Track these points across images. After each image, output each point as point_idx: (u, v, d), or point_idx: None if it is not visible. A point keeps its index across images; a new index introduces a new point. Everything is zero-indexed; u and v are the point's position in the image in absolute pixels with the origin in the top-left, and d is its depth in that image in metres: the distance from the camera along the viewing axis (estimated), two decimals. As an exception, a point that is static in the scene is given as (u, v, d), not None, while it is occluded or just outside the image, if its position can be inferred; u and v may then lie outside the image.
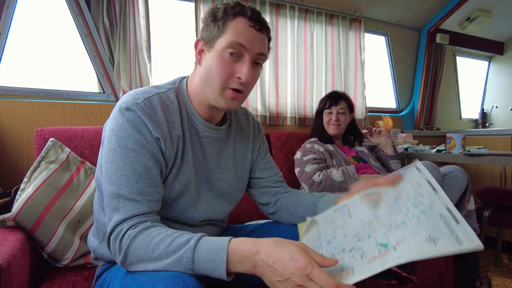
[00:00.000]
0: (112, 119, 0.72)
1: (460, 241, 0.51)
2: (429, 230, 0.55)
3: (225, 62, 0.74)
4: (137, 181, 0.68)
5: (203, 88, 0.78)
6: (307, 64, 2.22)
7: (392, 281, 1.22)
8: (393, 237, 0.58)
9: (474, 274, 1.56)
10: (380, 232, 0.61)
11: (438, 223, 0.56)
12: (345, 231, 0.67)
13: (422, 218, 0.58)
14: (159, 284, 0.56)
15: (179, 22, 1.97)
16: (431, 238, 0.54)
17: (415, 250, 0.53)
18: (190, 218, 0.81)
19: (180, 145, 0.77)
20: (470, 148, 1.81)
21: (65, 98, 1.62)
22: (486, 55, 3.34)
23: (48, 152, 1.18)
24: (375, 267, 0.55)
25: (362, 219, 0.67)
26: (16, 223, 1.03)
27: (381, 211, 0.66)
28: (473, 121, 3.36)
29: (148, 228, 0.65)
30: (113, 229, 0.66)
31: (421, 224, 0.57)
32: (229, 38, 0.73)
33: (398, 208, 0.63)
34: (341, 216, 0.73)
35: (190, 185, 0.79)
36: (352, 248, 0.61)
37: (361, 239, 0.62)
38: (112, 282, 0.73)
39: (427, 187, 0.63)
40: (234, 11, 0.74)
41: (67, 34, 1.68)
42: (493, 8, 2.72)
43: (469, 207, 1.41)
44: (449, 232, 0.53)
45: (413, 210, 0.60)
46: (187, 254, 0.59)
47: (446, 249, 0.52)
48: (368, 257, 0.57)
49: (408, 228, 0.57)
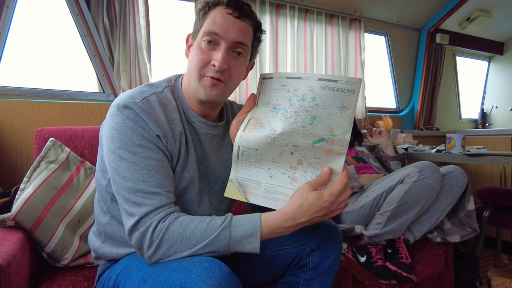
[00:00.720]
0: (110, 118, 0.71)
1: (350, 90, 0.65)
2: (334, 104, 0.67)
3: (201, 51, 0.74)
4: (152, 174, 0.68)
5: (189, 81, 0.78)
6: (307, 64, 2.22)
7: (392, 281, 1.22)
8: (320, 131, 0.68)
9: (474, 274, 1.56)
10: (298, 138, 0.70)
11: (329, 94, 0.67)
12: (270, 156, 0.73)
13: (319, 103, 0.68)
14: (197, 268, 0.58)
15: (179, 22, 1.98)
16: (340, 107, 0.66)
17: (344, 124, 0.67)
18: (194, 214, 0.81)
19: (183, 141, 0.77)
20: (470, 148, 1.81)
21: (65, 98, 1.62)
22: (486, 55, 3.34)
23: (48, 152, 1.18)
24: (336, 153, 0.69)
25: (263, 141, 0.72)
26: (16, 223, 1.03)
27: (273, 125, 0.72)
28: (473, 121, 3.36)
29: (178, 218, 0.67)
30: (137, 223, 0.66)
31: (325, 107, 0.67)
32: (206, 27, 0.74)
33: (293, 112, 0.70)
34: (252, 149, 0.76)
35: (194, 182, 0.79)
36: (298, 160, 0.71)
37: (292, 151, 0.71)
38: (123, 276, 0.73)
39: (272, 83, 0.74)
40: (214, 1, 0.75)
41: (67, 34, 1.68)
42: (493, 8, 2.72)
43: (469, 207, 1.41)
44: (341, 93, 0.66)
45: (305, 104, 0.69)
46: (224, 232, 0.65)
47: (352, 104, 0.65)
48: (323, 155, 0.69)
49: (323, 116, 0.68)
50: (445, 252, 1.48)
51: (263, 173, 0.74)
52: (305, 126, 0.69)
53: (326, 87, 0.66)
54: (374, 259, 1.28)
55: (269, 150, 0.72)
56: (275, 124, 0.71)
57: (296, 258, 0.86)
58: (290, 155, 0.71)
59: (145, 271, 0.66)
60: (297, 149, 0.70)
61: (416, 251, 1.40)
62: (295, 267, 0.86)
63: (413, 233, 1.40)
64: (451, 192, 1.36)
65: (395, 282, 1.22)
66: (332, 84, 0.66)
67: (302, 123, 0.69)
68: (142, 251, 0.67)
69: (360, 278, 1.21)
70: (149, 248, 0.65)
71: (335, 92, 0.66)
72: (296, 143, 0.70)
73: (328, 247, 0.85)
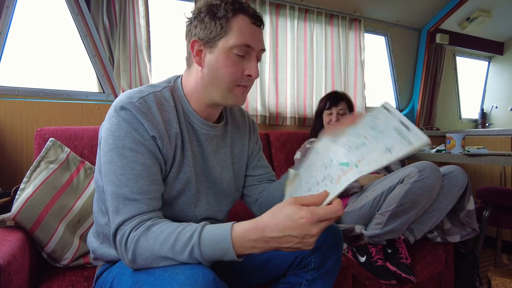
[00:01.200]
0: (107, 120, 0.72)
1: (410, 142, 0.58)
2: (385, 144, 0.61)
3: (233, 62, 0.75)
4: (136, 180, 0.67)
5: (207, 89, 0.78)
6: (307, 64, 2.22)
7: (392, 281, 1.22)
8: (354, 157, 0.64)
9: (474, 274, 1.56)
10: (339, 153, 0.67)
11: (393, 136, 0.62)
12: (316, 166, 0.72)
13: (379, 136, 0.64)
14: (179, 276, 0.57)
15: (179, 22, 1.97)
16: (387, 148, 0.60)
17: (374, 162, 0.60)
18: (191, 216, 0.81)
19: (179, 142, 0.77)
20: (470, 148, 1.81)
21: (65, 98, 1.62)
22: (486, 55, 3.34)
23: (48, 152, 1.18)
24: (342, 184, 0.60)
25: (324, 149, 0.74)
26: (15, 223, 1.03)
27: (340, 138, 0.72)
28: (473, 121, 3.36)
29: (149, 228, 0.65)
30: (116, 231, 0.66)
31: (379, 141, 0.63)
32: (235, 38, 0.73)
33: (357, 133, 0.68)
34: (314, 157, 0.77)
35: (190, 183, 0.79)
36: (323, 178, 0.67)
37: (327, 166, 0.68)
38: (117, 280, 0.73)
39: (382, 111, 0.67)
40: (233, 8, 0.73)
41: (67, 34, 1.68)
42: (493, 8, 2.72)
43: (468, 207, 1.41)
44: (402, 139, 0.60)
45: (371, 132, 0.66)
46: (194, 250, 0.60)
47: (399, 153, 0.58)
48: (335, 179, 0.63)
49: (368, 147, 0.64)
50: (445, 252, 1.48)
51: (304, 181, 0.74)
52: (350, 147, 0.67)
53: (396, 129, 0.62)
54: (374, 259, 1.28)
55: (318, 159, 0.73)
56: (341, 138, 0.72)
57: (297, 259, 0.86)
58: (323, 169, 0.69)
59: (133, 278, 0.66)
60: (329, 164, 0.68)
61: (416, 251, 1.40)
62: (297, 267, 0.86)
63: (413, 233, 1.40)
64: (451, 192, 1.36)
65: (395, 282, 1.22)
66: (403, 129, 0.61)
67: (352, 143, 0.67)
68: (123, 259, 0.67)
69: (360, 278, 1.21)
70: (127, 257, 0.65)
71: (397, 135, 0.61)
72: (332, 158, 0.68)
73: (329, 247, 0.85)
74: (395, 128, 0.62)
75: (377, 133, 0.65)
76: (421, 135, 0.58)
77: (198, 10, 0.76)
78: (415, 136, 0.59)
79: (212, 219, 0.88)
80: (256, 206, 0.97)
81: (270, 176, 1.00)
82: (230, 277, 0.90)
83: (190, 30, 0.78)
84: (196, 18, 0.76)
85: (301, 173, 0.79)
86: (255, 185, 0.97)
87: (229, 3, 0.73)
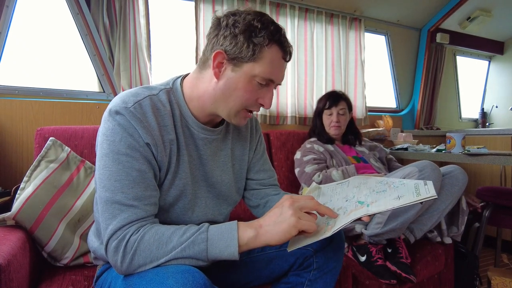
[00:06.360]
0: (103, 124, 0.70)
1: (419, 193, 0.65)
2: (399, 193, 0.69)
3: (252, 88, 0.74)
4: (132, 186, 0.66)
5: (215, 101, 0.76)
6: (307, 63, 2.22)
7: (392, 281, 1.22)
8: (370, 198, 0.71)
9: (474, 273, 1.56)
10: (362, 193, 0.75)
11: (410, 188, 0.69)
12: (339, 196, 0.79)
13: (400, 187, 0.72)
14: (169, 280, 0.56)
15: (179, 21, 1.97)
16: (398, 196, 0.67)
17: (382, 205, 0.66)
18: (188, 221, 0.79)
19: (174, 148, 0.75)
20: (470, 147, 1.81)
21: (65, 97, 1.62)
22: (486, 54, 3.34)
23: (48, 151, 1.18)
24: (350, 217, 0.66)
25: (354, 185, 0.81)
26: (16, 222, 1.03)
27: (371, 180, 0.81)
28: (473, 120, 3.36)
29: (153, 227, 0.65)
30: (111, 236, 0.64)
31: (396, 190, 0.70)
32: (263, 69, 0.72)
33: (385, 181, 0.77)
34: (341, 186, 0.85)
35: (186, 190, 0.78)
36: (339, 208, 0.73)
37: (347, 199, 0.75)
38: (113, 282, 0.73)
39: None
40: (272, 38, 0.71)
41: (67, 33, 1.67)
42: (493, 7, 2.71)
43: (463, 205, 1.45)
44: (414, 190, 0.67)
45: (397, 183, 0.74)
46: (201, 235, 0.64)
47: (405, 201, 0.65)
48: (347, 212, 0.69)
49: (385, 194, 0.71)
50: (445, 252, 1.48)
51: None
52: (373, 191, 0.74)
53: (416, 183, 0.70)
54: (374, 259, 1.28)
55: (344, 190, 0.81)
56: None
57: (299, 259, 0.85)
58: (343, 201, 0.75)
59: (126, 282, 0.65)
60: (350, 199, 0.75)
61: (416, 250, 1.40)
62: (299, 267, 0.86)
63: (413, 233, 1.40)
64: (451, 191, 1.36)
65: (395, 282, 1.23)
66: (420, 184, 0.70)
67: (376, 188, 0.75)
68: (116, 265, 0.65)
69: (360, 277, 1.21)
70: (123, 260, 0.63)
71: (414, 187, 0.69)
72: (354, 194, 0.76)
73: (331, 248, 0.85)
74: (416, 183, 0.71)
75: (399, 184, 0.73)
76: (431, 189, 0.66)
77: (235, 21, 0.70)
78: (425, 189, 0.66)
79: (211, 221, 0.86)
80: (257, 211, 0.97)
81: (272, 180, 0.99)
82: (231, 278, 0.90)
83: (217, 37, 0.72)
84: (230, 29, 0.70)
85: (324, 191, 0.85)
86: (257, 190, 0.97)
87: (269, 32, 0.70)
